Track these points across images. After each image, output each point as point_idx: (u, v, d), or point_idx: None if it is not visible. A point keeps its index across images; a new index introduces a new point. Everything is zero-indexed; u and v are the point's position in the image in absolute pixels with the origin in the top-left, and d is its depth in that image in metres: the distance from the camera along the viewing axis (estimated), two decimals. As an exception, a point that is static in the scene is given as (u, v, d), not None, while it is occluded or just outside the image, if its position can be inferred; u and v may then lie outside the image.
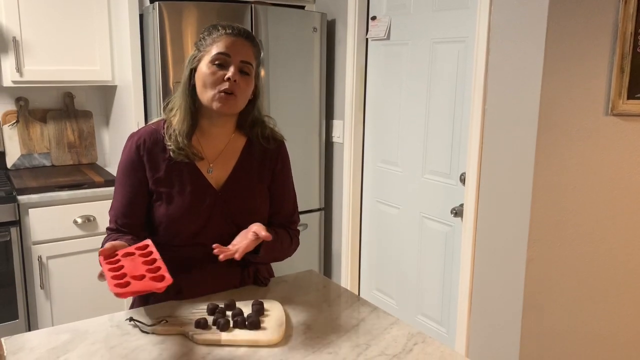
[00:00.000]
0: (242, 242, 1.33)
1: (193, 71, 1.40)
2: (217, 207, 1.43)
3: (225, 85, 1.35)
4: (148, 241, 1.29)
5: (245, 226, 1.42)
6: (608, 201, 2.15)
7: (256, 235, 1.33)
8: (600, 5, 1.95)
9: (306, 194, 3.09)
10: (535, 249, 2.08)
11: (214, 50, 1.36)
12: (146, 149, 1.42)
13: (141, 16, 2.65)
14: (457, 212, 2.42)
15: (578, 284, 2.18)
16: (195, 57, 1.40)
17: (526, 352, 2.15)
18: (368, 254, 3.09)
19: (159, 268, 1.19)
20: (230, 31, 1.38)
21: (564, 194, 2.08)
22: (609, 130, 2.06)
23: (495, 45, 2.11)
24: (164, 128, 1.44)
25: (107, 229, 1.46)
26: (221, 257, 1.27)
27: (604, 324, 2.29)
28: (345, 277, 3.15)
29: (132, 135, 1.47)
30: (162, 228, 1.42)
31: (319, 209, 3.16)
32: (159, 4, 2.49)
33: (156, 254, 1.24)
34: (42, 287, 2.54)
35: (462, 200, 2.37)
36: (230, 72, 1.35)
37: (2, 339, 1.21)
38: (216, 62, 1.35)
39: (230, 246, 1.34)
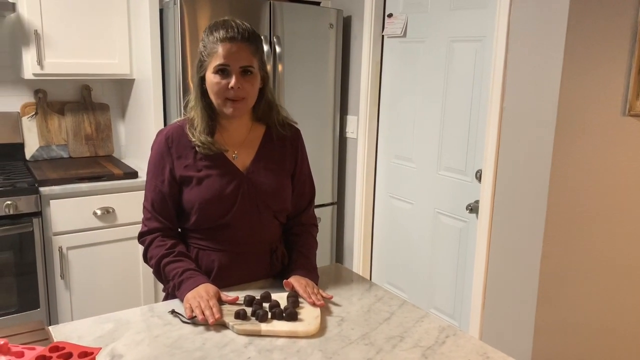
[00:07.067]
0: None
1: (202, 78, 1.47)
2: (243, 187, 1.51)
3: (231, 93, 1.43)
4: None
5: (271, 206, 1.54)
6: (623, 199, 2.19)
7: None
8: (620, 7, 1.99)
9: (319, 188, 3.08)
10: (550, 245, 2.13)
11: (214, 61, 1.42)
12: (174, 140, 1.51)
13: (161, 11, 2.68)
14: (473, 208, 2.46)
15: (592, 280, 2.23)
16: (201, 65, 1.47)
17: (539, 347, 2.20)
18: (380, 248, 3.14)
19: None
20: (224, 35, 1.41)
21: (579, 192, 2.12)
22: (626, 130, 2.10)
23: (514, 44, 2.15)
24: (187, 126, 1.51)
25: (145, 219, 1.52)
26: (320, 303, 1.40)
27: (617, 319, 2.34)
28: (357, 270, 3.19)
29: (161, 131, 1.56)
30: (193, 212, 1.50)
31: (331, 203, 3.20)
32: (180, -1, 2.52)
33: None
34: (62, 277, 2.58)
35: (477, 197, 2.41)
36: (233, 81, 1.42)
37: (50, 328, 1.26)
38: (218, 72, 1.42)
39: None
